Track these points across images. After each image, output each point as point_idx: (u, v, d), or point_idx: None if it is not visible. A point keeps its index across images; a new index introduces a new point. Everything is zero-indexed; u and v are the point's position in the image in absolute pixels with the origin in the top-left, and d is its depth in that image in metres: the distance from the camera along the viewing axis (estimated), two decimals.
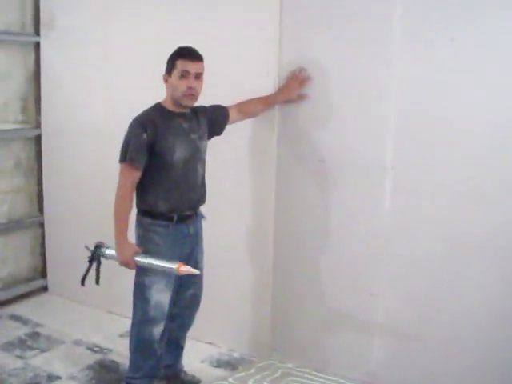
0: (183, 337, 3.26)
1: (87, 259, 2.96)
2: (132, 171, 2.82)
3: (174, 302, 3.03)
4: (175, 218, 2.91)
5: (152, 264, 2.81)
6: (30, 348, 3.66)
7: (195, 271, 2.79)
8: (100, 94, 4.00)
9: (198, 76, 2.85)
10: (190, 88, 2.82)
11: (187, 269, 2.75)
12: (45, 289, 4.57)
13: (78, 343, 3.74)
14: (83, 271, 2.97)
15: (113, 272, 3.01)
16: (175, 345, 3.22)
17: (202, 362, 3.53)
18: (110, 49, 3.92)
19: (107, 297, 4.05)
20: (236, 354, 3.62)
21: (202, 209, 3.07)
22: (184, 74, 2.81)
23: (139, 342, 3.00)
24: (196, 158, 2.95)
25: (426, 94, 2.91)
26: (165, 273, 2.84)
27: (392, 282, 3.12)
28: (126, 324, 3.15)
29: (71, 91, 4.16)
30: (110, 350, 3.64)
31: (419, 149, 2.97)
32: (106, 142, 3.89)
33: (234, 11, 3.37)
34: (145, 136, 2.79)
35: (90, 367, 3.45)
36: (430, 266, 3.00)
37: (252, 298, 3.56)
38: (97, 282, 2.94)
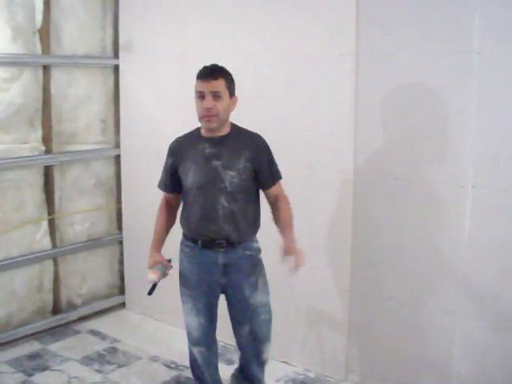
0: (252, 371, 3.06)
1: None
2: (163, 192, 3.00)
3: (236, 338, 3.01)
4: (199, 242, 2.85)
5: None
6: (109, 363, 3.74)
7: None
8: (177, 114, 4.06)
9: (216, 95, 2.67)
10: (205, 109, 2.68)
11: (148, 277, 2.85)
12: (123, 305, 4.66)
13: (154, 359, 3.80)
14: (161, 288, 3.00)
15: None
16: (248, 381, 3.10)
17: (277, 381, 3.51)
18: (188, 69, 3.96)
19: (182, 314, 4.08)
20: (311, 374, 3.57)
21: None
22: (198, 96, 2.71)
23: (190, 362, 3.08)
24: (216, 187, 2.75)
25: (507, 107, 2.82)
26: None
27: (471, 303, 3.01)
28: None
29: (149, 112, 4.27)
30: (186, 367, 3.64)
31: (500, 166, 2.86)
32: None
33: (311, 34, 3.37)
34: (169, 161, 2.89)
35: (166, 383, 3.49)
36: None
37: (329, 319, 3.51)
38: (149, 293, 2.93)
